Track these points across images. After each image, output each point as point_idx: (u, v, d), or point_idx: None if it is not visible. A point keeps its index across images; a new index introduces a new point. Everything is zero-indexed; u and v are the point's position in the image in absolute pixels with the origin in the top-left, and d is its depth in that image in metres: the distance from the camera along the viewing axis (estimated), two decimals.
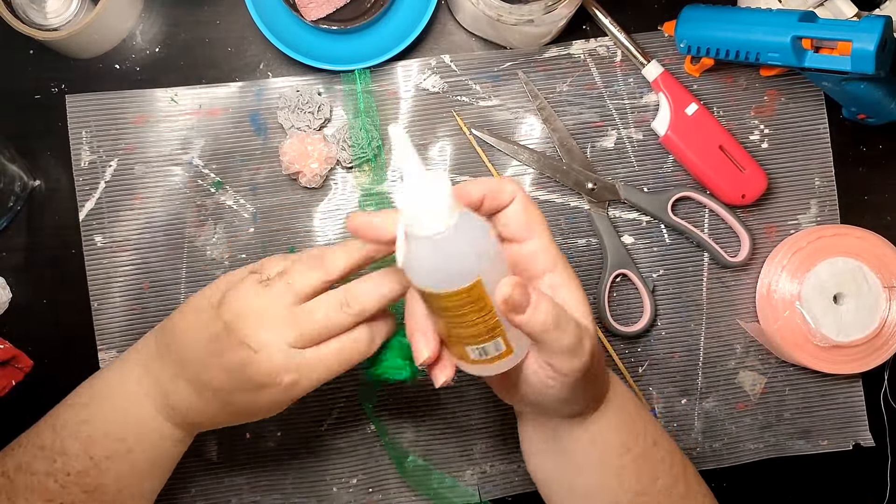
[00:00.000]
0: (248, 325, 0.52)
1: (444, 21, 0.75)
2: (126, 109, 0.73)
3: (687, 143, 0.73)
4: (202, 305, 0.55)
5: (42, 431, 0.58)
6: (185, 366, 0.55)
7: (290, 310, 0.53)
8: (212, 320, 0.54)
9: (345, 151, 0.72)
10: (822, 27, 0.64)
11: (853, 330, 0.72)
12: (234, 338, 0.52)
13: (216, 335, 0.53)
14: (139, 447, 0.58)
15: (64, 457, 0.56)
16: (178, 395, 0.57)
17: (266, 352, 0.52)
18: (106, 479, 0.57)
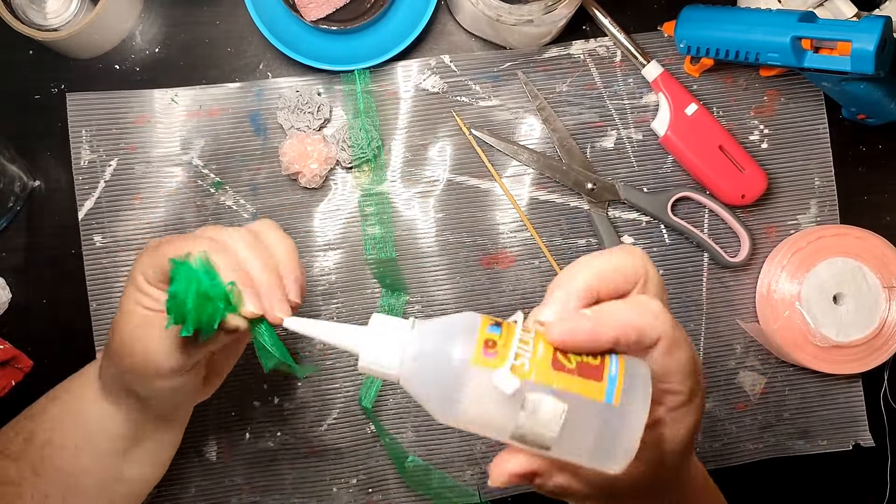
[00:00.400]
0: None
1: (443, 21, 0.75)
2: (126, 109, 0.73)
3: (687, 144, 0.73)
4: None
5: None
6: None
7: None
8: None
9: (344, 152, 0.72)
10: (821, 27, 0.64)
11: (853, 330, 0.72)
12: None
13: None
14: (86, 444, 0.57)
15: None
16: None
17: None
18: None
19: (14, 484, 0.56)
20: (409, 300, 0.74)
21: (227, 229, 0.50)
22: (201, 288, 0.45)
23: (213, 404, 0.73)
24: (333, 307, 0.74)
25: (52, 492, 0.57)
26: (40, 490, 0.56)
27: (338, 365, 0.74)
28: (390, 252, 0.73)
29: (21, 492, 0.56)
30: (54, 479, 0.57)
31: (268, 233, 0.51)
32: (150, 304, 0.50)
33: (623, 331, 0.38)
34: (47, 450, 0.57)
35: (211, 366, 0.58)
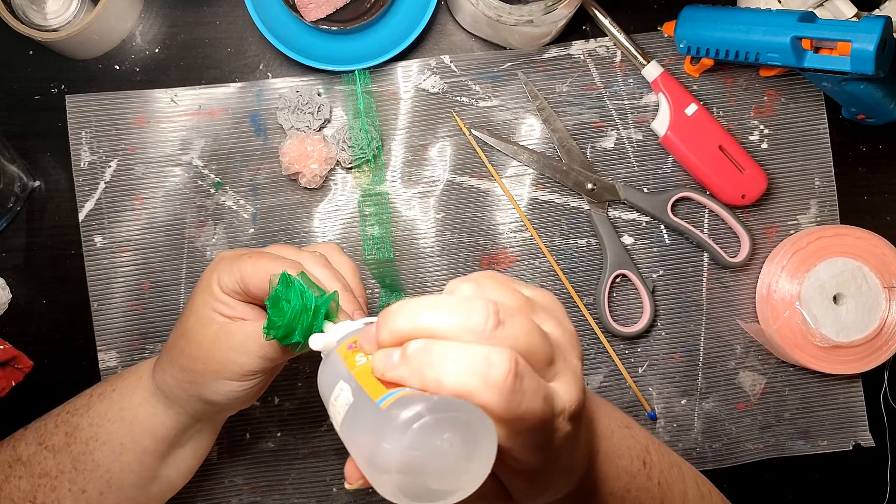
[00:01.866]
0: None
1: (443, 21, 0.75)
2: (126, 110, 0.73)
3: (687, 144, 0.73)
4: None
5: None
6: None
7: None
8: None
9: (345, 152, 0.72)
10: (821, 27, 0.64)
11: (853, 330, 0.72)
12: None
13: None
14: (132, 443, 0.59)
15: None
16: (160, 364, 0.58)
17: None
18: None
19: (51, 476, 0.58)
20: None
21: (300, 251, 0.54)
22: (308, 301, 0.48)
23: None
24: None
25: (90, 487, 0.58)
26: (78, 484, 0.58)
27: None
28: (388, 253, 0.73)
29: (57, 484, 0.57)
30: (94, 475, 0.58)
31: (332, 254, 0.55)
32: (228, 312, 0.53)
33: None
34: (91, 445, 0.58)
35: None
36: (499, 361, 0.33)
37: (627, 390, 0.75)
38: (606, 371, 0.75)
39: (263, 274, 0.51)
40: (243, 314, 0.54)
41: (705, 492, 0.56)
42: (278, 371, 0.61)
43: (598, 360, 0.75)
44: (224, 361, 0.53)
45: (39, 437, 0.59)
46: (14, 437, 0.61)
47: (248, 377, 0.54)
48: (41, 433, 0.59)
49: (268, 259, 0.52)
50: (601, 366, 0.75)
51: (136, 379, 0.59)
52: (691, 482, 0.57)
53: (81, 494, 0.58)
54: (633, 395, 0.75)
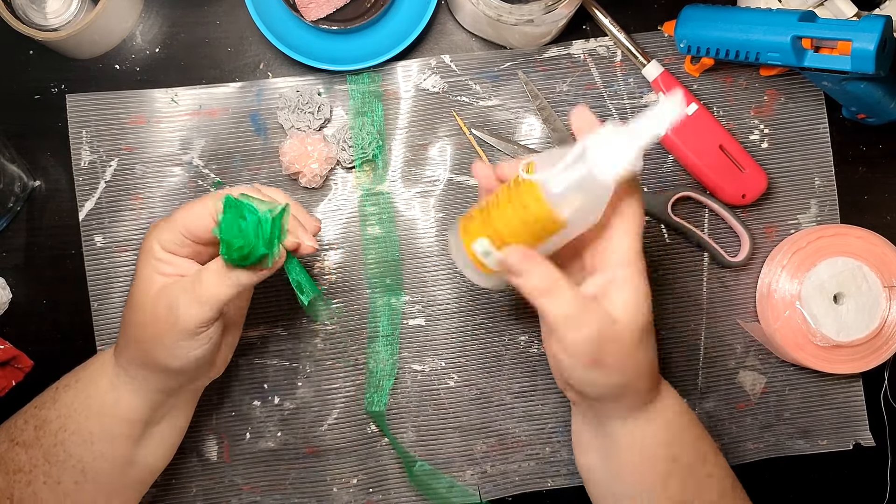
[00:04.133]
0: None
1: (443, 21, 0.75)
2: (126, 110, 0.73)
3: (687, 143, 0.73)
4: None
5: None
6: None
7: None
8: None
9: (345, 152, 0.72)
10: (821, 27, 0.64)
11: (853, 330, 0.72)
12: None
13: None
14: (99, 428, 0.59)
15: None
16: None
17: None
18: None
19: (25, 472, 0.58)
20: (409, 300, 0.74)
21: (231, 188, 0.55)
22: (258, 215, 0.49)
23: (213, 404, 0.73)
24: (333, 307, 0.74)
25: (65, 478, 0.58)
26: (52, 477, 0.58)
27: (338, 365, 0.74)
28: (395, 252, 0.73)
29: (32, 479, 0.57)
30: (67, 466, 0.58)
31: (266, 189, 0.57)
32: (168, 271, 0.54)
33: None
34: (60, 436, 0.58)
35: (223, 333, 0.59)
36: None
37: None
38: None
39: (203, 211, 0.52)
40: (184, 269, 0.54)
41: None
42: (237, 332, 0.63)
43: None
44: (170, 320, 0.53)
45: (10, 434, 0.59)
46: None
47: (194, 332, 0.54)
48: (12, 430, 0.60)
49: (202, 200, 0.53)
50: None
51: (100, 366, 0.60)
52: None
53: (57, 486, 0.58)
54: None
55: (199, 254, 0.56)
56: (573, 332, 0.52)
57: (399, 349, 0.74)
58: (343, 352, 0.74)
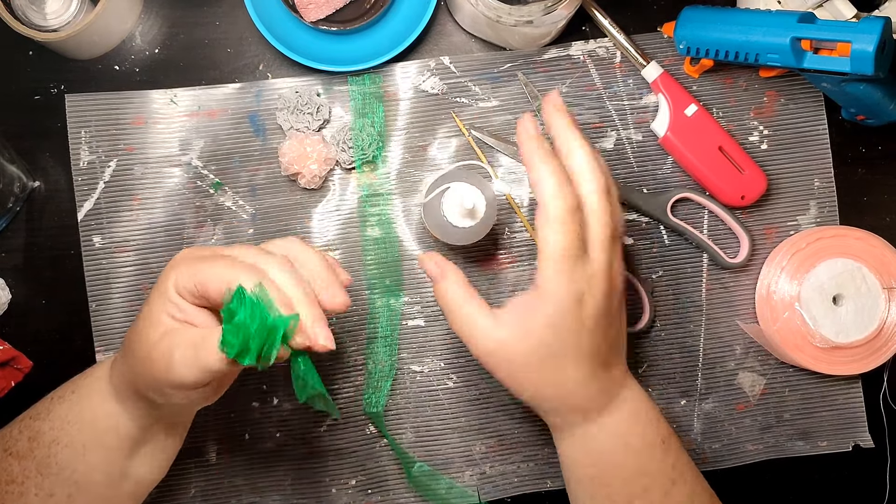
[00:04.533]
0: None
1: (443, 22, 0.75)
2: (125, 110, 0.73)
3: (686, 145, 0.73)
4: None
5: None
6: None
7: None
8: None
9: (345, 153, 0.72)
10: (821, 28, 0.64)
11: (852, 331, 0.72)
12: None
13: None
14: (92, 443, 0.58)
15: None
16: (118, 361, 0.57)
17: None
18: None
19: (17, 483, 0.57)
20: (408, 301, 0.74)
21: (264, 253, 0.51)
22: (266, 321, 0.46)
23: (212, 405, 0.73)
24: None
25: (58, 490, 0.57)
26: (45, 489, 0.57)
27: (337, 366, 0.74)
28: (394, 253, 0.73)
29: (24, 490, 0.57)
30: (60, 478, 0.57)
31: (296, 251, 0.53)
32: (178, 315, 0.51)
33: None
34: (54, 448, 0.57)
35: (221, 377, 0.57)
36: (567, 193, 0.54)
37: None
38: None
39: (220, 281, 0.49)
40: (194, 318, 0.51)
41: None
42: (233, 378, 0.59)
43: None
44: (163, 370, 0.50)
45: (5, 444, 0.59)
46: None
47: (186, 388, 0.51)
48: (6, 440, 0.59)
49: (227, 265, 0.49)
50: None
51: (95, 380, 0.58)
52: (704, 491, 0.60)
53: (49, 498, 0.57)
54: None
55: (208, 304, 0.52)
56: (468, 345, 0.56)
57: (398, 350, 0.74)
58: (342, 353, 0.74)
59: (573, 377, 0.56)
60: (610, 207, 0.55)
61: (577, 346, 0.55)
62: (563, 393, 0.56)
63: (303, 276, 0.51)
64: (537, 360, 0.55)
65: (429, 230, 0.69)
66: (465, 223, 0.66)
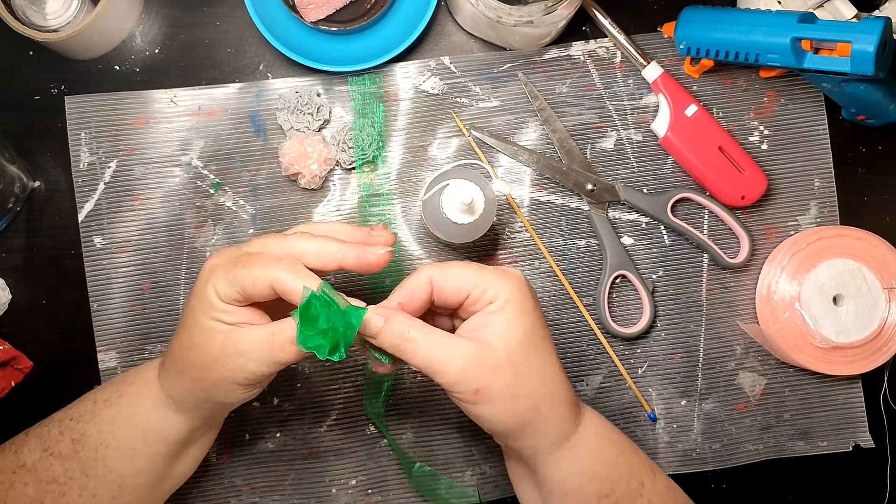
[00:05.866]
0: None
1: (443, 22, 0.75)
2: (125, 110, 0.73)
3: (686, 145, 0.73)
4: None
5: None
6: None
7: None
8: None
9: (345, 153, 0.72)
10: (821, 28, 0.64)
11: (853, 331, 0.72)
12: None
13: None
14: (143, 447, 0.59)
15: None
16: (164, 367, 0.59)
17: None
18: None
19: (59, 483, 0.58)
20: None
21: (287, 239, 0.55)
22: (340, 320, 0.50)
23: None
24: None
25: (102, 491, 0.58)
26: (89, 490, 0.58)
27: (337, 366, 0.74)
28: (395, 254, 0.73)
29: (67, 490, 0.58)
30: (106, 480, 0.58)
31: (313, 226, 0.57)
32: (231, 320, 0.53)
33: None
34: (101, 451, 0.58)
35: None
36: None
37: (627, 391, 0.75)
38: (606, 372, 0.75)
39: (263, 282, 0.51)
40: (246, 319, 0.54)
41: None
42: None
43: (597, 361, 0.75)
44: (235, 368, 0.53)
45: (43, 443, 0.59)
46: (15, 442, 0.61)
47: (259, 382, 0.55)
48: (45, 439, 0.59)
49: (262, 265, 0.52)
50: (601, 366, 0.75)
51: (143, 385, 0.59)
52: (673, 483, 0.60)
53: (93, 499, 0.58)
54: (632, 395, 0.75)
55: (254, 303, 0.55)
56: (447, 367, 0.52)
57: None
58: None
59: (554, 364, 0.55)
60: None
61: (544, 330, 0.55)
62: (559, 396, 0.55)
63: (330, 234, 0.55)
64: (533, 359, 0.54)
65: (428, 229, 0.69)
66: (464, 219, 0.65)
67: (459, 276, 0.54)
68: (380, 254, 0.54)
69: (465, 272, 0.54)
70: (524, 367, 0.54)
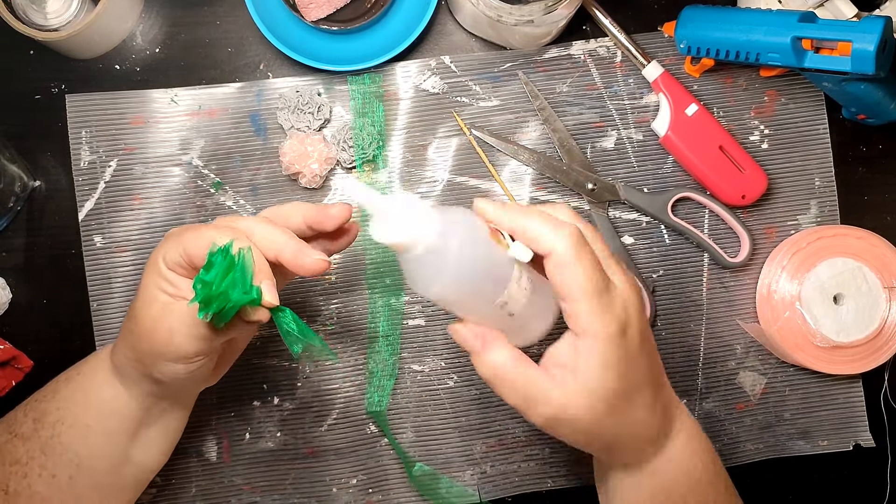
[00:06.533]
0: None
1: (443, 22, 0.75)
2: (126, 110, 0.73)
3: (687, 144, 0.73)
4: None
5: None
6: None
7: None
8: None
9: (345, 152, 0.72)
10: (821, 27, 0.64)
11: (853, 330, 0.72)
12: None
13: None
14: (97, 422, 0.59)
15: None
16: (120, 342, 0.58)
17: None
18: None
19: (21, 464, 0.58)
20: (409, 300, 0.74)
21: (242, 218, 0.53)
22: (235, 280, 0.48)
23: (213, 404, 0.73)
24: (333, 307, 0.74)
25: (60, 471, 0.58)
26: (48, 469, 0.58)
27: (338, 365, 0.74)
28: (394, 253, 0.73)
29: (28, 471, 0.58)
30: (63, 459, 0.58)
31: (277, 210, 0.56)
32: (171, 290, 0.53)
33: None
34: (58, 428, 0.58)
35: (221, 353, 0.59)
36: (569, 226, 0.49)
37: None
38: None
39: (204, 244, 0.50)
40: (186, 292, 0.53)
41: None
42: (237, 351, 0.62)
43: None
44: (163, 342, 0.52)
45: (10, 426, 0.60)
46: None
47: (188, 360, 0.53)
48: (11, 423, 0.60)
49: (211, 228, 0.51)
50: None
51: (99, 361, 0.60)
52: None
53: (52, 479, 0.58)
54: None
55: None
56: (527, 415, 0.51)
57: (399, 349, 0.74)
58: (343, 352, 0.74)
59: (641, 408, 0.53)
60: (593, 229, 0.53)
61: (636, 376, 0.52)
62: (636, 429, 0.53)
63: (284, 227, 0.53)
64: (605, 407, 0.50)
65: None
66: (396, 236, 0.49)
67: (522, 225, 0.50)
68: (315, 258, 0.51)
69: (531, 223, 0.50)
70: (609, 415, 0.51)
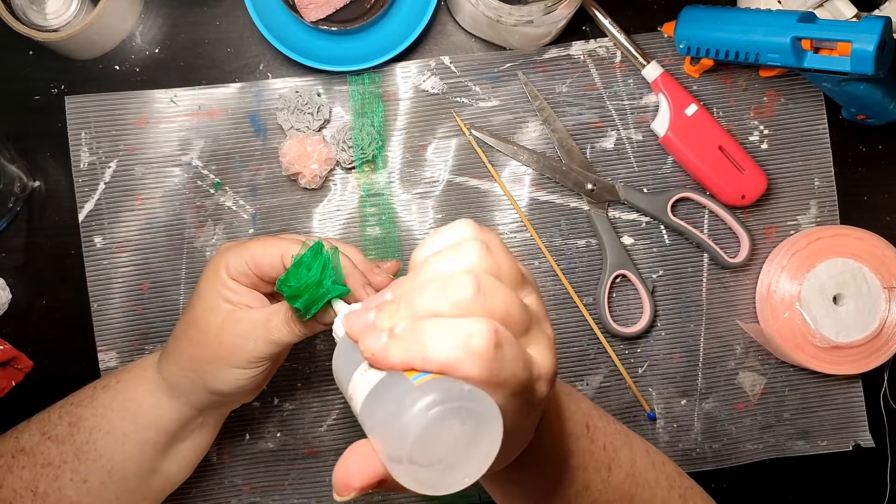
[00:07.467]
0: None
1: (443, 22, 0.75)
2: (125, 110, 0.73)
3: (686, 144, 0.73)
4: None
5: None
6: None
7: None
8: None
9: (345, 152, 0.72)
10: (821, 28, 0.64)
11: (853, 330, 0.72)
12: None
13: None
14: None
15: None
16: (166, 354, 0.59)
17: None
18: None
19: (54, 466, 0.58)
20: None
21: (307, 237, 0.55)
22: (324, 279, 0.50)
23: None
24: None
25: (92, 477, 0.59)
26: (80, 474, 0.58)
27: None
28: (396, 254, 0.73)
29: (59, 474, 0.58)
30: (96, 465, 0.59)
31: (339, 244, 0.56)
32: (234, 299, 0.55)
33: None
34: (94, 434, 0.59)
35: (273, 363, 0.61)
36: (480, 332, 0.34)
37: (627, 391, 0.75)
38: (606, 371, 0.75)
39: (274, 252, 0.53)
40: (249, 301, 0.55)
41: (657, 461, 0.56)
42: (280, 363, 0.63)
43: (597, 361, 0.75)
44: (231, 348, 0.54)
45: (43, 427, 0.60)
46: (17, 428, 0.61)
47: (254, 364, 0.56)
48: (44, 424, 0.60)
49: (278, 240, 0.54)
50: (601, 366, 0.75)
51: (141, 371, 0.60)
52: (641, 450, 0.55)
53: (83, 484, 0.58)
54: (632, 395, 0.75)
55: (257, 285, 0.56)
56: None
57: None
58: None
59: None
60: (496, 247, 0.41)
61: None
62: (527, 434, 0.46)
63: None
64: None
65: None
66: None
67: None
68: (383, 277, 0.55)
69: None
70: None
